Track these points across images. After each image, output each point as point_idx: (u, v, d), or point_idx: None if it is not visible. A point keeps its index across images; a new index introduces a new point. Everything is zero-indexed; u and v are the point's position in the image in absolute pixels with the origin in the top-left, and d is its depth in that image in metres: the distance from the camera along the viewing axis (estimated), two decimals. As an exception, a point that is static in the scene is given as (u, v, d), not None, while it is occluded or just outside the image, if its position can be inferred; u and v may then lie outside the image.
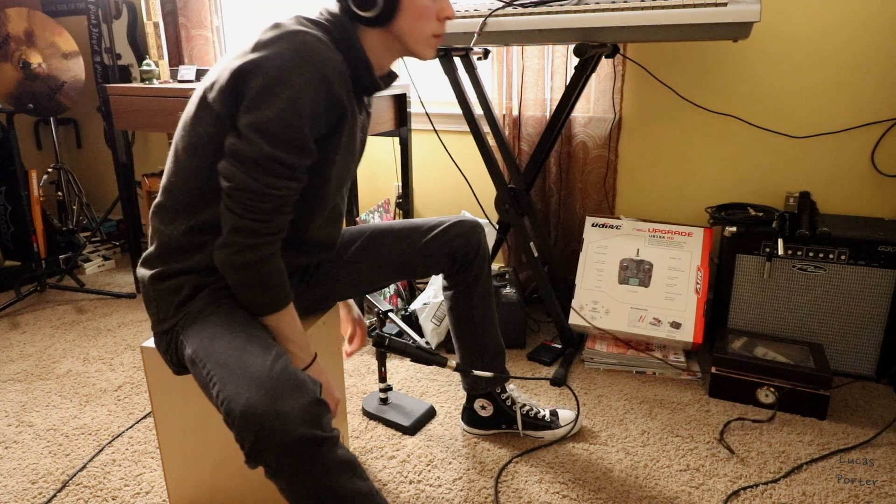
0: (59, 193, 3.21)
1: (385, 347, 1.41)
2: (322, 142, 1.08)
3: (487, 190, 2.54)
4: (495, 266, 2.58)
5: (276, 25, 1.02)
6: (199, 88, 1.09)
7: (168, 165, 1.14)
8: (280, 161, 1.00)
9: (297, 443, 0.89)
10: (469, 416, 1.65)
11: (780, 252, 1.85)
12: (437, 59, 1.94)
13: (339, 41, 1.08)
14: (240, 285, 1.07)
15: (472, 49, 2.04)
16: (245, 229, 1.02)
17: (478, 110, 2.08)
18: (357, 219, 2.25)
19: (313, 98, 1.00)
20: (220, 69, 1.05)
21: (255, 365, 0.94)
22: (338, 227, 1.29)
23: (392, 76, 1.23)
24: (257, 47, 1.00)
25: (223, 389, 0.94)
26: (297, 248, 1.20)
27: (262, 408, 0.89)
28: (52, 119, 3.16)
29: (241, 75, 0.99)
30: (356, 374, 1.98)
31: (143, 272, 1.16)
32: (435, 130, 2.35)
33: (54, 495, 1.45)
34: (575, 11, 1.68)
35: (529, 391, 1.88)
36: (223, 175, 1.03)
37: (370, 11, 1.08)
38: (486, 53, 2.19)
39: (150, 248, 1.17)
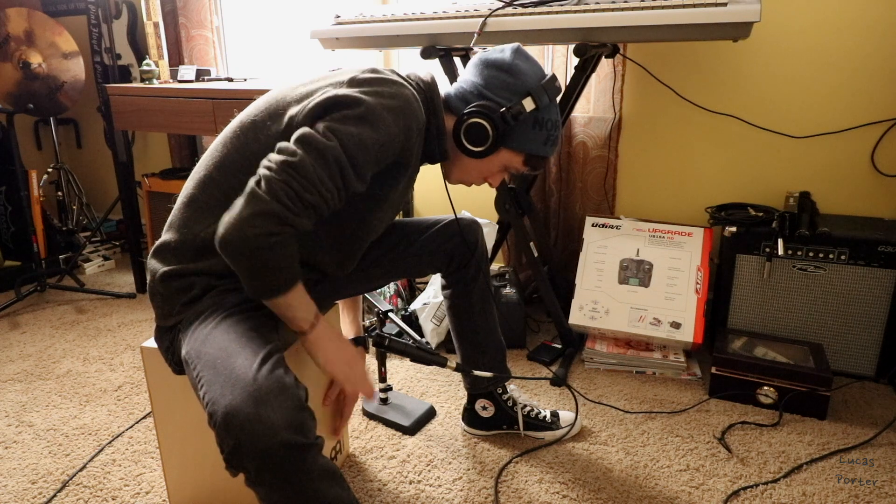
0: (59, 193, 3.21)
1: (385, 347, 1.41)
2: (378, 182, 1.14)
3: (487, 190, 2.55)
4: (495, 266, 2.58)
5: (375, 70, 1.10)
6: (262, 105, 1.12)
7: (211, 156, 1.13)
8: (343, 170, 1.01)
9: (279, 448, 0.87)
10: (470, 417, 1.65)
11: (780, 252, 1.85)
12: (437, 60, 1.94)
13: (428, 108, 1.19)
14: (245, 269, 1.00)
15: (472, 49, 2.04)
16: (271, 214, 0.96)
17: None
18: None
19: (392, 138, 1.07)
20: (288, 95, 1.10)
21: (242, 368, 0.93)
22: (347, 266, 1.27)
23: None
24: (354, 83, 1.06)
25: (209, 391, 0.93)
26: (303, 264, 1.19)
27: (244, 411, 0.87)
28: (52, 119, 3.16)
29: (343, 100, 1.03)
30: (356, 374, 1.98)
31: (154, 265, 1.13)
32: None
33: (54, 495, 1.45)
34: (575, 11, 1.68)
35: (529, 391, 1.88)
36: (281, 150, 0.99)
37: (471, 144, 1.19)
38: (486, 53, 2.19)
39: (168, 238, 1.13)
